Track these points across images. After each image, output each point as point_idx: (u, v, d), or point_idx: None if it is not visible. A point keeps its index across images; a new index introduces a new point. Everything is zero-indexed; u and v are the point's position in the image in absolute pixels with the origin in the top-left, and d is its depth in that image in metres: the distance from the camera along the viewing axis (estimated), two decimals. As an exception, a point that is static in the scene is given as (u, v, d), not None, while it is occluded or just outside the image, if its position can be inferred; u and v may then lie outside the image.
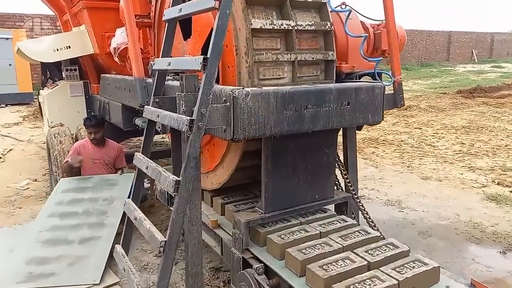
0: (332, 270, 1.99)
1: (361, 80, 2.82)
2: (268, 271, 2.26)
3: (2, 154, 7.06)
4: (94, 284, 2.92)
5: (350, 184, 2.84)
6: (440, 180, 5.60)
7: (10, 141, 7.96)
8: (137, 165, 2.51)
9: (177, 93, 2.24)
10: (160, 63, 2.40)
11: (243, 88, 2.07)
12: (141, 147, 2.60)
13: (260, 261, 2.30)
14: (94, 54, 4.76)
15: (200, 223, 2.46)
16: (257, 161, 2.47)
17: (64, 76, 5.31)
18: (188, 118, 1.94)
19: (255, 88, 2.13)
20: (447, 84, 17.07)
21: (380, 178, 5.76)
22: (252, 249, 2.39)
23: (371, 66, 2.79)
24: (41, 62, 5.52)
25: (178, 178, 1.98)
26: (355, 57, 2.67)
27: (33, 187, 5.43)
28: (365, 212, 2.78)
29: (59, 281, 2.97)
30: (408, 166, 6.31)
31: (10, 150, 7.37)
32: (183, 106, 2.15)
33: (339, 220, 2.55)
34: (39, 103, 5.89)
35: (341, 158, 3.09)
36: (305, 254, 2.13)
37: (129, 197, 2.68)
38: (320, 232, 2.39)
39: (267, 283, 2.19)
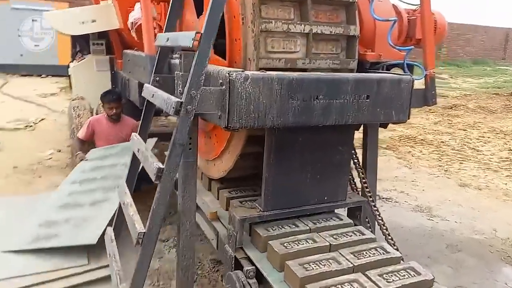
0: (308, 270, 1.78)
1: (388, 71, 2.49)
2: (260, 277, 2.04)
3: (34, 122, 7.23)
4: (84, 265, 2.82)
5: (367, 188, 2.53)
6: (480, 189, 5.11)
7: (45, 111, 8.14)
8: (132, 147, 2.35)
9: (175, 72, 2.03)
10: (160, 39, 2.19)
11: (242, 71, 1.83)
12: (138, 128, 2.43)
13: (253, 264, 2.07)
14: (120, 29, 4.65)
15: (193, 215, 2.28)
16: (262, 148, 2.23)
17: (91, 50, 5.26)
18: (176, 100, 1.73)
19: (257, 72, 1.88)
20: (501, 84, 15.81)
21: (413, 181, 5.34)
22: (247, 250, 2.16)
23: (401, 56, 2.44)
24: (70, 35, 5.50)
25: (161, 166, 1.78)
26: (382, 44, 2.34)
27: (56, 158, 5.48)
28: (380, 220, 2.48)
29: (60, 242, 2.97)
30: (446, 170, 5.83)
31: (43, 119, 7.53)
32: (180, 86, 1.95)
33: (355, 232, 2.21)
34: (69, 76, 5.92)
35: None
36: (307, 270, 1.83)
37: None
38: (330, 244, 2.06)
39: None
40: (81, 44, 5.58)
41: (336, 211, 2.45)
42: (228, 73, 1.79)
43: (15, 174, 4.88)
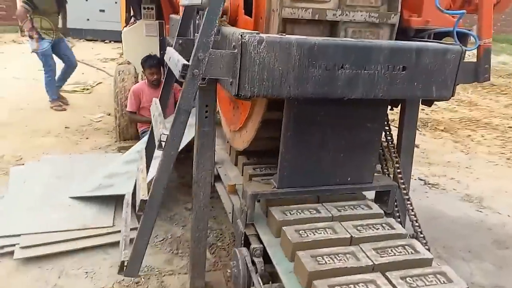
0: (321, 264, 1.60)
1: (439, 41, 2.17)
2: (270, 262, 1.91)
3: (91, 86, 7.55)
4: (109, 226, 2.88)
5: (399, 171, 2.29)
6: (545, 183, 4.57)
7: (103, 75, 8.46)
8: (151, 112, 2.29)
9: (195, 34, 1.91)
10: (182, -3, 2.07)
11: (257, 33, 1.66)
12: (160, 94, 2.37)
13: (262, 242, 1.96)
14: (169, -7, 4.58)
15: (208, 186, 2.21)
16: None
17: (142, 14, 5.27)
18: (183, 63, 1.61)
19: (274, 35, 1.70)
20: None
21: (467, 167, 4.89)
22: (259, 228, 2.05)
23: (453, 23, 2.12)
24: (121, -3, 5.54)
25: (165, 132, 1.70)
26: (431, 9, 2.02)
27: (105, 121, 5.68)
28: (411, 211, 2.23)
29: (113, 191, 3.17)
30: (508, 159, 5.27)
31: (100, 83, 7.84)
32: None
33: (384, 225, 1.95)
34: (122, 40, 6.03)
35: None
36: (319, 263, 1.63)
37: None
38: (352, 236, 1.83)
39: (262, 268, 1.86)
40: (134, 9, 5.62)
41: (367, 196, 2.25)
42: (241, 35, 1.63)
43: (65, 134, 5.13)
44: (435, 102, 2.48)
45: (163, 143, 1.67)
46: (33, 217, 2.89)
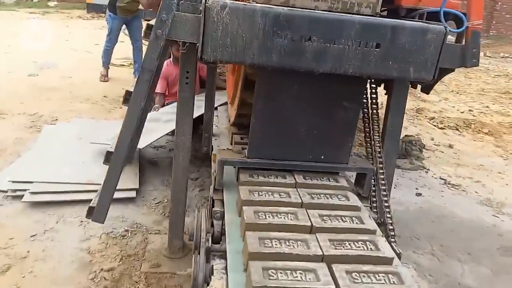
0: (267, 247, 1.55)
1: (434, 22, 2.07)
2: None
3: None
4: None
5: (379, 155, 2.23)
6: None
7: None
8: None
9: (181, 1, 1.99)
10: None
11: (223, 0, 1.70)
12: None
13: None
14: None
15: (187, 150, 2.30)
16: None
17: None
18: (147, 23, 1.70)
19: (238, 2, 1.73)
20: None
21: (499, 172, 4.57)
22: (226, 193, 2.11)
23: (449, 5, 2.01)
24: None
25: (131, 90, 1.80)
26: (423, -13, 1.94)
27: (141, 94, 5.96)
28: (385, 197, 2.16)
29: (155, 135, 3.42)
30: (551, 169, 4.84)
31: (146, 60, 8.20)
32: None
33: (353, 218, 1.80)
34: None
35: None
36: (265, 246, 1.55)
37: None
38: (312, 225, 1.70)
39: (219, 230, 1.93)
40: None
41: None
42: (205, 0, 1.68)
43: (102, 102, 5.48)
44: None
45: (128, 99, 1.78)
46: (46, 169, 3.17)
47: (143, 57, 1.84)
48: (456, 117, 6.45)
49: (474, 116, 6.71)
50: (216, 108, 3.45)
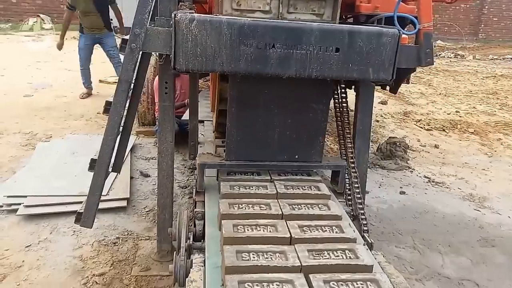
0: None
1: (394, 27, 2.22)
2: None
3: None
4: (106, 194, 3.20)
5: (350, 152, 2.36)
6: None
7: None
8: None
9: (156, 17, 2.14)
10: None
11: (190, 13, 1.85)
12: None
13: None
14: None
15: (170, 157, 2.42)
16: None
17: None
18: (123, 38, 1.85)
19: (204, 15, 1.88)
20: None
21: (484, 169, 4.69)
22: (207, 195, 2.24)
23: (406, 9, 2.17)
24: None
25: (110, 100, 1.94)
26: (380, -5, 2.10)
27: (134, 109, 6.11)
28: (358, 191, 2.28)
29: None
30: (535, 164, 4.96)
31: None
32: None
33: (333, 227, 1.81)
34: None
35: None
36: (242, 259, 1.57)
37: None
38: (292, 237, 1.72)
39: (200, 230, 2.05)
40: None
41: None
42: (174, 14, 1.83)
43: (96, 118, 5.61)
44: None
45: (108, 109, 1.92)
46: (40, 183, 3.30)
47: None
48: (443, 119, 6.59)
49: (460, 117, 6.85)
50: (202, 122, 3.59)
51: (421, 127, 6.20)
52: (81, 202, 3.03)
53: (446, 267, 2.80)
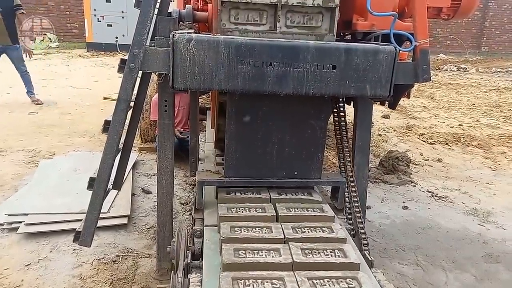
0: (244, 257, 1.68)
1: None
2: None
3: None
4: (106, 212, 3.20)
5: (350, 168, 2.35)
6: None
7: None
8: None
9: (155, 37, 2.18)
10: None
11: (188, 33, 1.88)
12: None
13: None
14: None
15: (170, 174, 2.43)
16: None
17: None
18: (121, 58, 1.88)
19: (202, 35, 1.91)
20: None
21: (487, 183, 4.65)
22: (207, 212, 2.24)
23: (402, 26, 2.19)
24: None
25: (109, 119, 1.96)
26: (376, 13, 2.11)
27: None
28: (357, 206, 2.26)
29: None
30: (540, 178, 4.92)
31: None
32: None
33: (325, 229, 1.91)
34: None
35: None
36: (239, 257, 1.67)
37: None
38: (286, 237, 1.83)
39: (199, 248, 2.04)
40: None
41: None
42: (173, 34, 1.86)
43: (99, 135, 5.63)
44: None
45: (107, 128, 1.94)
46: (41, 201, 3.31)
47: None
48: (446, 132, 6.57)
49: (463, 130, 6.83)
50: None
51: (424, 141, 6.18)
52: (81, 220, 3.06)
53: (450, 284, 2.76)
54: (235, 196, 2.18)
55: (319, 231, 1.91)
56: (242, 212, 2.04)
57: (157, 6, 2.19)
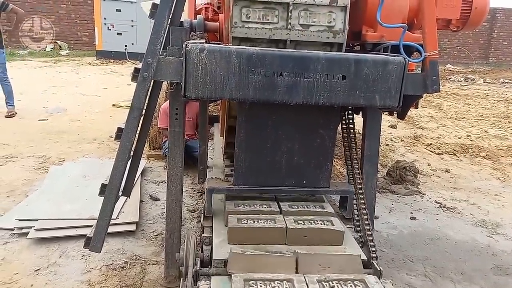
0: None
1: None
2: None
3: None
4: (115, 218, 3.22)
5: (358, 177, 2.36)
6: None
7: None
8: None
9: (168, 47, 2.22)
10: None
11: (201, 43, 1.92)
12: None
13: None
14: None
15: (179, 181, 2.45)
16: None
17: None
18: (135, 67, 1.91)
19: (215, 45, 1.94)
20: None
21: (496, 195, 4.62)
22: (215, 220, 2.25)
23: (412, 38, 2.21)
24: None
25: (122, 126, 1.99)
26: (385, 24, 2.13)
27: (145, 133, 6.21)
28: (365, 216, 2.27)
29: None
30: (549, 190, 4.88)
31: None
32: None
33: (326, 221, 2.11)
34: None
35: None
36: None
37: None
38: (287, 228, 2.03)
39: (208, 255, 2.05)
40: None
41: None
42: (186, 44, 1.90)
43: (108, 142, 5.71)
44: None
45: (119, 135, 1.97)
46: (51, 207, 3.35)
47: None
48: (454, 143, 6.54)
49: (472, 141, 6.80)
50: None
51: (432, 151, 6.16)
52: (91, 226, 3.07)
53: (459, 297, 2.74)
54: (247, 208, 2.21)
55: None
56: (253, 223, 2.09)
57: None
